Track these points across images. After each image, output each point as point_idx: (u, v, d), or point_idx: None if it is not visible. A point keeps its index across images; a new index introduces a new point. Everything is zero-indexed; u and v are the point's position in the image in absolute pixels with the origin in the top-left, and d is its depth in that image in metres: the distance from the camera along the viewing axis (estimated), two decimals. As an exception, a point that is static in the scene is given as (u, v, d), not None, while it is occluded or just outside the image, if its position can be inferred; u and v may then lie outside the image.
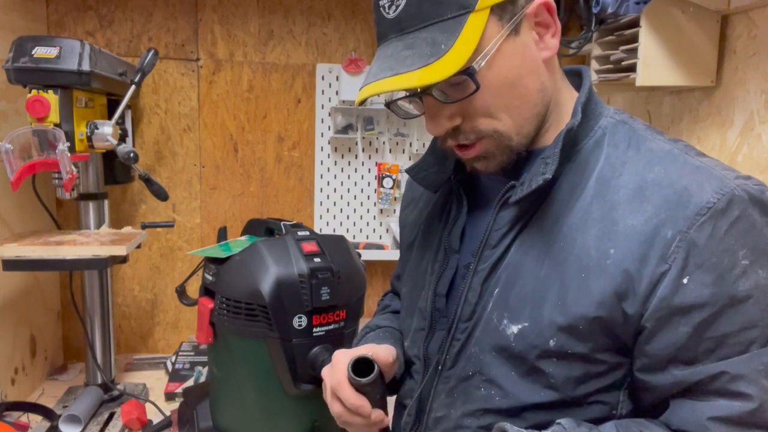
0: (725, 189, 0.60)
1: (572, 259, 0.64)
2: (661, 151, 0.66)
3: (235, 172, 1.89)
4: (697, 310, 0.59)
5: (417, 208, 0.88)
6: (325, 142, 1.90)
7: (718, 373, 0.59)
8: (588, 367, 0.64)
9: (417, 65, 0.61)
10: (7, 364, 1.48)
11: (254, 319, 1.13)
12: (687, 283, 0.59)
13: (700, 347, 0.60)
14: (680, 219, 0.59)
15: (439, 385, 0.74)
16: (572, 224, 0.65)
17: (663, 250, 0.59)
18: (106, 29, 1.77)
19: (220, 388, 1.25)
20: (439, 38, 0.62)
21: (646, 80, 1.28)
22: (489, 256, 0.70)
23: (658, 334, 0.61)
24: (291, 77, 1.87)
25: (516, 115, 0.67)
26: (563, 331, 0.63)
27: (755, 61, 1.18)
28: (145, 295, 1.90)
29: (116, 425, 1.43)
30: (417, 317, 0.79)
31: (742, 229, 0.59)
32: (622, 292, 0.61)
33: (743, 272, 0.59)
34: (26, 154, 1.31)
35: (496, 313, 0.68)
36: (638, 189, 0.63)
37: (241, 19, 1.83)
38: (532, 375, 0.66)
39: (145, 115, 1.82)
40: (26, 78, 1.31)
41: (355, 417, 0.75)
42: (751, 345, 0.59)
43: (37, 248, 1.32)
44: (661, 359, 0.62)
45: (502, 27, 0.64)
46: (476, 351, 0.70)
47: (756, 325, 0.59)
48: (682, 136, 1.43)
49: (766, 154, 1.16)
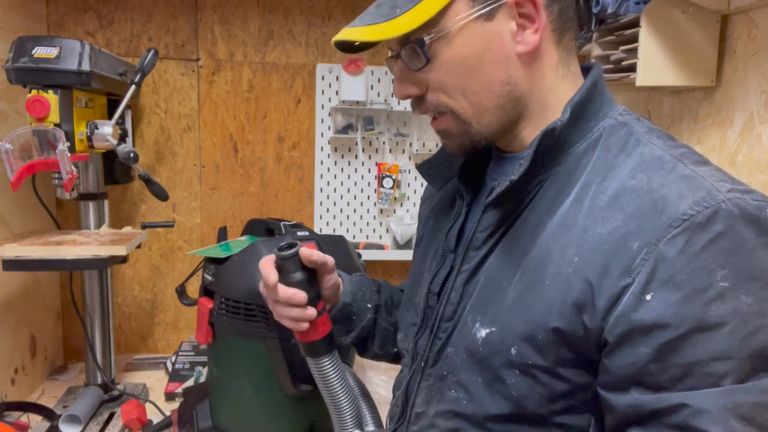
0: (710, 201, 0.54)
1: (541, 266, 0.62)
2: (650, 157, 0.60)
3: (235, 172, 1.89)
4: (659, 331, 0.53)
5: (431, 204, 0.88)
6: (325, 142, 1.90)
7: (678, 404, 0.53)
8: (552, 382, 0.61)
9: (369, 22, 0.64)
10: (7, 364, 1.48)
11: (253, 319, 1.13)
12: (650, 300, 0.53)
13: (665, 373, 0.54)
14: (649, 230, 0.55)
15: (422, 381, 0.74)
16: (550, 230, 0.63)
17: (627, 262, 0.55)
18: (106, 29, 1.77)
19: (220, 388, 1.25)
20: (400, 2, 0.63)
21: (646, 80, 1.28)
22: (472, 258, 0.69)
23: (617, 350, 0.56)
24: (291, 77, 1.87)
25: (474, 102, 0.66)
26: (524, 340, 0.61)
27: (755, 61, 1.18)
28: (145, 295, 1.90)
29: (116, 425, 1.43)
30: (411, 312, 0.81)
31: (724, 247, 0.53)
32: (581, 304, 0.57)
33: (719, 295, 0.52)
34: (26, 154, 1.31)
35: (471, 316, 0.68)
36: (615, 196, 0.59)
37: (241, 19, 1.83)
38: (495, 384, 0.65)
39: (145, 115, 1.82)
40: (26, 78, 1.31)
41: (291, 309, 0.76)
42: (722, 379, 0.52)
43: (37, 248, 1.32)
44: (623, 378, 0.57)
45: (472, 7, 0.63)
46: (452, 351, 0.70)
47: (731, 357, 0.52)
48: (682, 136, 1.42)
49: (766, 154, 1.15)
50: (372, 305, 0.89)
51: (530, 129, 0.69)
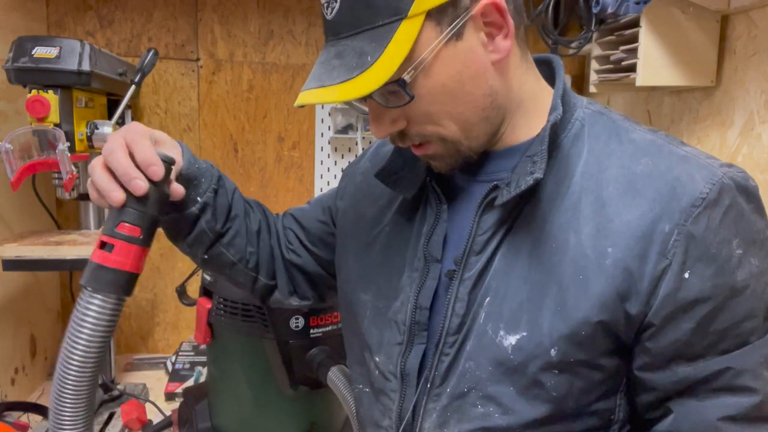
0: (714, 178, 0.59)
1: (567, 261, 0.61)
2: (644, 142, 0.63)
3: (235, 172, 1.89)
4: (701, 305, 0.58)
5: (377, 203, 0.81)
6: (325, 142, 1.90)
7: (723, 369, 0.58)
8: (591, 374, 0.62)
9: (341, 78, 0.58)
10: (7, 364, 1.49)
11: (251, 319, 1.13)
12: (689, 277, 0.57)
13: (702, 342, 0.58)
14: (676, 212, 0.58)
15: (429, 403, 0.68)
16: (562, 223, 0.62)
17: (662, 246, 0.58)
18: (106, 29, 1.77)
19: (219, 388, 1.25)
20: (368, 48, 0.58)
21: (646, 80, 1.28)
22: (474, 263, 0.65)
23: (662, 331, 0.59)
24: (291, 77, 1.87)
25: (462, 121, 0.64)
26: (565, 340, 0.60)
27: (755, 61, 1.18)
28: (145, 295, 1.90)
29: (116, 425, 1.43)
30: (390, 330, 0.73)
31: (733, 218, 0.58)
32: (624, 292, 0.59)
33: (739, 262, 0.58)
34: (26, 154, 1.31)
35: (491, 325, 0.64)
36: (629, 183, 0.61)
37: (241, 19, 1.83)
38: (532, 389, 0.62)
39: (145, 115, 1.82)
40: (26, 78, 1.31)
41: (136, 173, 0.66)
42: (750, 336, 0.58)
43: (37, 248, 1.32)
44: (664, 357, 0.60)
45: (440, 32, 0.60)
46: (471, 366, 0.65)
47: (755, 315, 0.59)
48: (682, 136, 1.42)
49: (766, 154, 1.15)
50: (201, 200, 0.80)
51: (510, 127, 0.68)
